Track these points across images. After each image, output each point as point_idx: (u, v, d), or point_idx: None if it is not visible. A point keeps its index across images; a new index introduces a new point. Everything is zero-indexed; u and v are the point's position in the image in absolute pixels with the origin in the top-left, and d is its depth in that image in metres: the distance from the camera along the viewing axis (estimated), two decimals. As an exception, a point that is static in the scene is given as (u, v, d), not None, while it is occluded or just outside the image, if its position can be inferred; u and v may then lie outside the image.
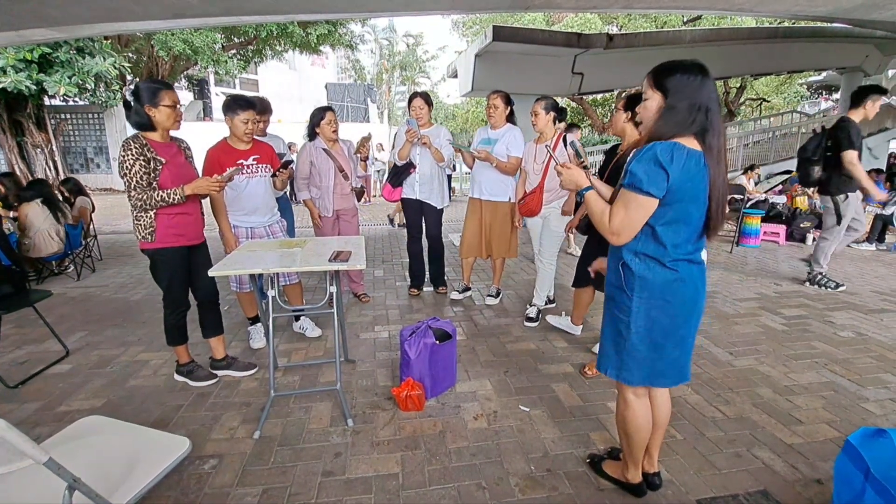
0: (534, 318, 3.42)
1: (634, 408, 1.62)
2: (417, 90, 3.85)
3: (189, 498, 1.75)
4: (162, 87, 2.21)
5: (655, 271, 1.45)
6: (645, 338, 1.49)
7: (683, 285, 1.45)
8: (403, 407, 2.29)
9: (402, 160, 3.72)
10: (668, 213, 1.40)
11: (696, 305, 1.50)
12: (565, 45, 10.26)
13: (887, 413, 2.31)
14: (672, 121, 1.38)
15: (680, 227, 1.42)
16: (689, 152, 1.35)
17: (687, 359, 1.56)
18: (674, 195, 1.37)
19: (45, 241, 4.45)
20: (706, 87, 1.38)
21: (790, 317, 3.62)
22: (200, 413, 2.30)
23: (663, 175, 1.34)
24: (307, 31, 12.06)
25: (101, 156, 14.51)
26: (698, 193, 1.39)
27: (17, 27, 4.32)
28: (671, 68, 1.40)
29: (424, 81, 31.07)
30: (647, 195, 1.37)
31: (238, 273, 2.49)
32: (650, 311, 1.47)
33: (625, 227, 1.43)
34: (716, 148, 1.39)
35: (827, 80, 23.91)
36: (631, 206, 1.40)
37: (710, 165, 1.39)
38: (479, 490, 1.78)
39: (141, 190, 2.19)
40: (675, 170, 1.34)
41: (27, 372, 2.71)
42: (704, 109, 1.37)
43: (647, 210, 1.40)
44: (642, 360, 1.52)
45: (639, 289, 1.46)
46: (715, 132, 1.38)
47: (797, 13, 4.95)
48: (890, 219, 6.28)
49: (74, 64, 8.95)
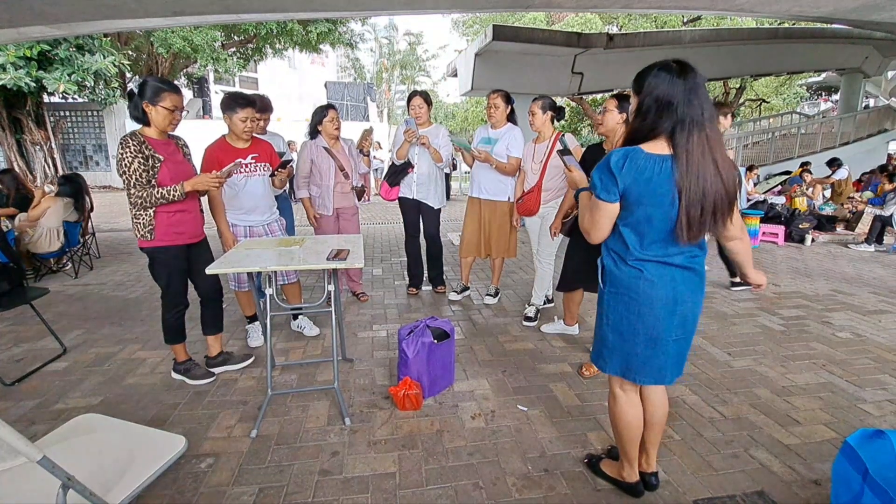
0: (532, 317, 3.42)
1: (621, 402, 1.66)
2: (417, 89, 3.83)
3: (185, 497, 1.74)
4: (166, 89, 2.19)
5: (620, 268, 1.52)
6: (615, 328, 1.56)
7: (651, 285, 1.46)
8: (401, 406, 2.28)
9: (401, 160, 3.71)
10: (629, 216, 1.46)
11: (673, 309, 1.47)
12: (565, 44, 10.26)
13: (885, 414, 2.31)
14: (642, 122, 1.41)
15: (644, 229, 1.45)
16: (648, 157, 1.37)
17: (666, 362, 1.54)
18: (629, 199, 1.41)
19: (50, 239, 4.43)
20: (680, 84, 1.33)
21: (788, 317, 3.62)
22: (197, 411, 2.30)
23: (613, 181, 1.40)
24: (307, 29, 12.03)
25: (101, 153, 14.49)
26: (660, 197, 1.38)
27: (17, 24, 4.31)
28: (646, 69, 1.42)
29: (424, 80, 31.06)
30: (603, 200, 1.45)
31: (236, 271, 2.49)
32: (617, 304, 1.54)
33: (591, 228, 1.52)
34: (683, 148, 1.33)
35: (826, 81, 23.95)
36: (593, 210, 1.50)
37: (678, 168, 1.34)
38: (476, 489, 1.78)
39: (140, 187, 2.18)
40: (626, 176, 1.38)
41: (24, 369, 2.70)
42: (675, 107, 1.33)
43: (607, 213, 1.47)
44: (613, 350, 1.59)
45: (609, 282, 1.56)
46: (685, 130, 1.33)
47: (797, 14, 4.95)
48: (889, 220, 6.29)
49: (74, 61, 8.93)
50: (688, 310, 1.50)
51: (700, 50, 12.20)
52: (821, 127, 14.38)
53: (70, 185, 4.82)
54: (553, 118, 3.21)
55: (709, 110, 1.35)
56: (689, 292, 1.49)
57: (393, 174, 3.79)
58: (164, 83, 2.21)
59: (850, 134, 13.76)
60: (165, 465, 1.39)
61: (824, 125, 14.62)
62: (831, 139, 13.74)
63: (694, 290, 1.50)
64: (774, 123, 18.19)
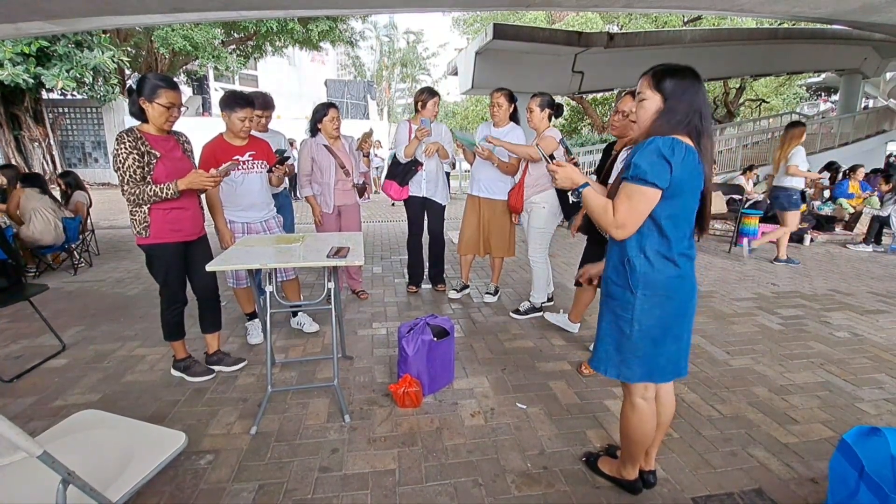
0: (521, 311, 3.43)
1: (643, 412, 1.59)
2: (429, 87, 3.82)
3: (185, 493, 1.74)
4: (163, 86, 2.16)
5: (659, 268, 1.46)
6: (647, 334, 1.49)
7: (683, 281, 1.49)
8: (401, 404, 2.29)
9: (408, 158, 3.70)
10: (670, 207, 1.42)
11: (692, 300, 1.54)
12: (566, 43, 10.26)
13: (881, 413, 2.32)
14: (670, 121, 1.43)
15: (680, 221, 1.46)
16: (688, 147, 1.40)
17: (683, 353, 1.58)
18: (676, 188, 1.40)
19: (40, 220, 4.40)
20: (701, 92, 1.45)
21: (787, 317, 3.63)
22: (197, 408, 2.30)
23: (667, 167, 1.36)
24: (307, 27, 12.02)
25: (99, 150, 14.46)
26: (696, 188, 1.45)
27: (15, 20, 4.30)
28: (671, 71, 1.44)
29: (425, 79, 31.04)
30: (652, 186, 1.37)
31: (236, 268, 2.49)
32: (653, 308, 1.47)
33: (629, 220, 1.42)
34: (707, 150, 1.45)
35: (826, 81, 23.96)
36: (634, 198, 1.40)
37: (704, 164, 1.45)
38: (476, 487, 1.78)
39: (134, 184, 2.16)
40: (678, 162, 1.37)
41: (23, 366, 2.70)
42: (699, 113, 1.43)
43: (651, 201, 1.40)
44: (643, 357, 1.52)
45: (643, 286, 1.47)
46: (707, 135, 1.45)
47: (797, 14, 4.96)
48: (887, 220, 6.30)
49: (72, 58, 8.92)
50: (697, 299, 1.57)
51: (700, 50, 12.22)
52: (820, 127, 14.39)
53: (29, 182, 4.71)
54: (551, 116, 3.21)
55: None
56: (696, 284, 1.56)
57: (402, 174, 3.75)
58: (163, 80, 2.19)
59: (849, 134, 13.79)
60: (165, 461, 1.39)
61: (823, 126, 14.64)
62: (830, 140, 13.76)
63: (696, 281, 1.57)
64: (774, 124, 18.19)
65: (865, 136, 13.99)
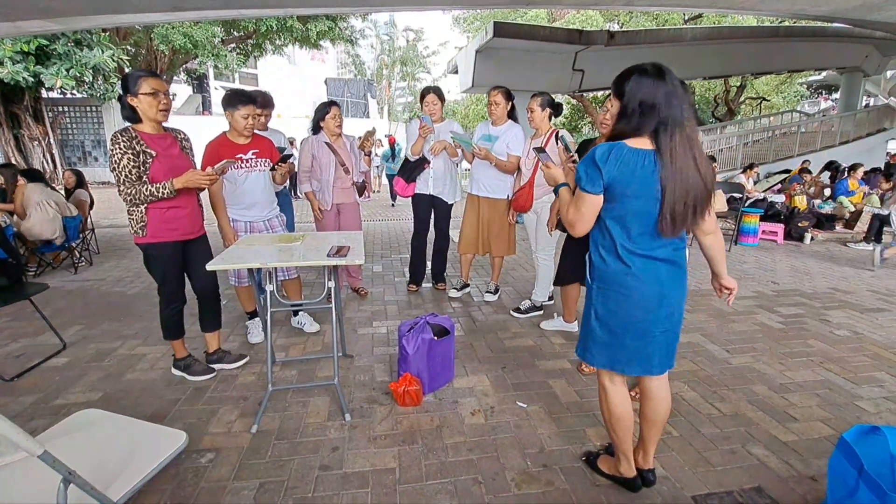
0: (522, 310, 3.43)
1: (610, 394, 1.67)
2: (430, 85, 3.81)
3: (186, 491, 1.75)
4: (141, 75, 2.15)
5: (608, 263, 1.53)
6: (603, 325, 1.58)
7: (636, 280, 1.49)
8: (401, 402, 2.29)
9: (415, 156, 3.70)
10: (614, 208, 1.48)
11: (660, 301, 1.51)
12: (566, 41, 10.23)
13: (881, 411, 2.32)
14: (629, 124, 1.45)
15: (630, 222, 1.48)
16: (631, 151, 1.41)
17: (654, 351, 1.57)
18: (614, 191, 1.44)
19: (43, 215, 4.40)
20: (660, 87, 1.40)
21: (787, 315, 3.63)
22: (197, 407, 2.30)
23: (598, 173, 1.44)
24: (307, 25, 12.00)
25: (99, 149, 14.46)
26: (644, 190, 1.42)
27: (15, 18, 4.29)
28: (626, 73, 1.47)
29: (425, 77, 30.95)
30: (587, 192, 1.48)
31: (236, 267, 2.49)
32: (607, 301, 1.56)
33: (576, 221, 1.54)
34: (667, 146, 1.39)
35: (827, 79, 23.91)
36: (578, 202, 1.52)
37: (663, 164, 1.39)
38: (476, 485, 1.79)
39: (130, 184, 2.14)
40: (610, 168, 1.42)
41: (23, 365, 2.70)
42: (657, 110, 1.40)
43: (591, 205, 1.49)
44: (602, 345, 1.61)
45: (598, 279, 1.58)
46: (666, 131, 1.39)
47: (798, 12, 4.95)
48: (887, 219, 6.29)
49: (72, 56, 8.91)
50: (674, 302, 1.54)
51: (701, 48, 12.18)
52: (821, 125, 14.37)
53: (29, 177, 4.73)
54: (551, 115, 3.20)
55: (687, 110, 1.42)
56: (675, 286, 1.54)
57: (409, 170, 3.75)
58: (138, 71, 2.20)
59: (849, 133, 13.76)
60: (166, 460, 1.39)
61: (824, 124, 14.61)
62: (831, 138, 13.74)
63: (678, 283, 1.55)
64: (775, 122, 18.17)
65: (866, 135, 13.96)
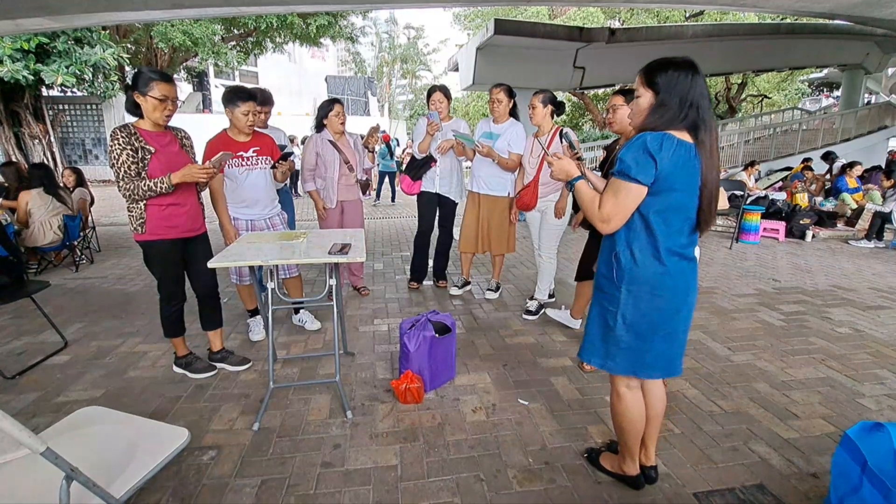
0: (533, 311, 3.42)
1: (627, 400, 1.63)
2: (437, 84, 3.80)
3: (188, 489, 1.75)
4: (156, 78, 2.14)
5: (645, 263, 1.46)
6: (631, 329, 1.51)
7: (672, 279, 1.46)
8: (402, 399, 2.29)
9: (423, 153, 3.68)
10: (659, 202, 1.42)
11: (685, 300, 1.51)
12: (567, 38, 10.21)
13: (882, 408, 2.32)
14: (662, 117, 1.41)
15: (671, 218, 1.44)
16: (680, 142, 1.38)
17: (677, 352, 1.56)
18: (663, 183, 1.39)
19: (44, 230, 4.43)
20: (696, 83, 1.40)
21: (788, 313, 3.63)
22: (199, 404, 2.30)
23: (651, 162, 1.37)
24: (307, 22, 11.96)
25: (100, 147, 14.45)
26: (689, 184, 1.41)
27: (15, 16, 4.28)
28: (662, 65, 1.42)
29: (425, 75, 30.91)
30: (636, 182, 1.39)
31: (237, 265, 2.48)
32: (638, 303, 1.48)
33: (614, 214, 1.44)
34: (707, 143, 1.40)
35: (828, 77, 23.86)
36: (620, 194, 1.42)
37: (703, 158, 1.41)
38: (478, 482, 1.79)
39: (129, 180, 2.14)
40: (664, 158, 1.36)
41: (25, 363, 2.71)
42: (695, 106, 1.39)
43: (636, 197, 1.41)
44: (627, 351, 1.53)
45: (628, 280, 1.48)
46: (706, 128, 1.40)
47: (799, 9, 4.93)
48: (889, 216, 6.29)
49: (72, 54, 8.87)
50: (693, 300, 1.54)
51: (702, 45, 12.14)
52: (822, 123, 14.33)
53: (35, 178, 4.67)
54: (553, 112, 3.19)
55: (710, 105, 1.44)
56: (695, 284, 1.53)
57: (415, 168, 3.74)
58: (156, 73, 2.16)
59: (850, 130, 13.72)
60: (168, 457, 1.39)
61: (825, 121, 14.57)
62: (832, 135, 13.71)
63: (696, 280, 1.54)
64: (776, 119, 18.10)
65: (867, 132, 13.92)
